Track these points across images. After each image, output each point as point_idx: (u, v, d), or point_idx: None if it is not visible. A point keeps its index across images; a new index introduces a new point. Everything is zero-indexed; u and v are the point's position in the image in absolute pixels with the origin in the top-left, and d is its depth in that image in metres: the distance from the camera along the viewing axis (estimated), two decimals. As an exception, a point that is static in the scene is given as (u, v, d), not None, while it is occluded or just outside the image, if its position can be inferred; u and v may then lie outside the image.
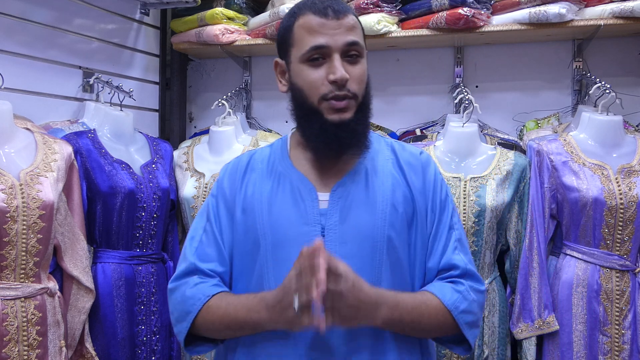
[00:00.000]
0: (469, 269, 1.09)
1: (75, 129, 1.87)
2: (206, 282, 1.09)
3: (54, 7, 1.95)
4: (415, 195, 1.10)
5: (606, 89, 1.88)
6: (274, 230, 1.07)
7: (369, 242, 1.05)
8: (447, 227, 1.11)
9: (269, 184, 1.12)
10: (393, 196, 1.08)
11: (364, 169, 1.11)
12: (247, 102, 2.58)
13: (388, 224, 1.06)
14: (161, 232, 1.93)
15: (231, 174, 1.18)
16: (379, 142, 1.18)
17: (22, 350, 1.44)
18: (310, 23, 1.05)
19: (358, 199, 1.08)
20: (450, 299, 1.04)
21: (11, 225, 1.43)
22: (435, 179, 1.14)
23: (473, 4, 2.01)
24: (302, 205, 1.07)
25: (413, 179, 1.12)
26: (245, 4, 2.37)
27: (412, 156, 1.15)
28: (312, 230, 1.05)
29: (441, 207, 1.12)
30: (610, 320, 1.71)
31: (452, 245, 1.10)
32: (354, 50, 1.05)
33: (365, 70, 1.08)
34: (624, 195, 1.70)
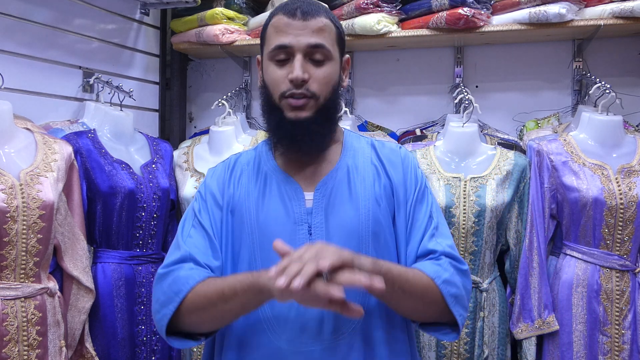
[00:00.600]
0: (447, 252, 1.09)
1: (75, 129, 1.87)
2: (201, 269, 1.06)
3: (54, 7, 1.95)
4: (396, 188, 1.13)
5: (606, 89, 1.88)
6: (261, 230, 1.09)
7: (354, 238, 1.07)
8: (427, 216, 1.13)
9: (256, 185, 1.15)
10: (374, 191, 1.11)
11: (346, 166, 1.14)
12: (247, 102, 2.58)
13: (372, 218, 1.09)
14: (161, 232, 1.93)
15: (218, 176, 1.20)
16: (358, 141, 1.20)
17: (22, 350, 1.44)
18: (279, 23, 1.09)
19: (341, 196, 1.10)
20: (431, 269, 1.05)
21: (11, 225, 1.43)
22: (415, 172, 1.17)
23: (473, 4, 2.01)
24: (289, 205, 1.10)
25: (393, 173, 1.15)
26: (245, 4, 2.37)
27: (391, 152, 1.19)
28: (299, 229, 1.08)
29: (420, 197, 1.14)
30: (610, 320, 1.71)
31: (430, 233, 1.11)
32: (318, 53, 1.07)
33: (331, 74, 1.09)
34: (624, 195, 1.70)
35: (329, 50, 1.08)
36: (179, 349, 1.97)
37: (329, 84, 1.09)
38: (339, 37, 1.13)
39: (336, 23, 1.13)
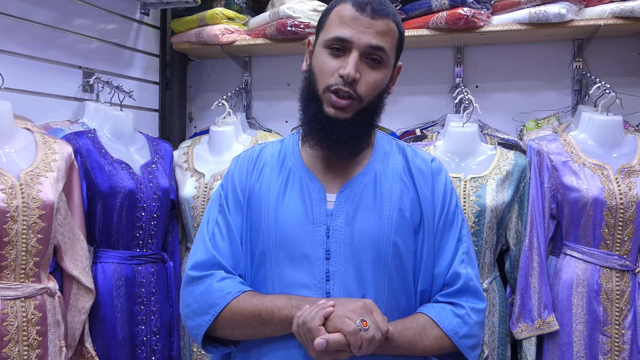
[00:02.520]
0: (472, 285, 1.07)
1: (75, 129, 1.87)
2: (232, 278, 1.06)
3: (54, 7, 1.95)
4: (423, 202, 1.09)
5: (606, 89, 1.88)
6: (279, 227, 1.06)
7: (374, 247, 1.04)
8: (456, 239, 1.09)
9: (278, 180, 1.11)
10: (401, 201, 1.07)
11: (374, 171, 1.10)
12: (247, 102, 2.58)
13: (394, 229, 1.05)
14: (161, 232, 1.93)
15: (241, 167, 1.17)
16: (390, 145, 1.16)
17: (22, 350, 1.44)
18: (345, 13, 1.04)
19: (365, 202, 1.06)
20: (449, 325, 1.03)
21: (11, 225, 1.43)
22: (446, 188, 1.12)
23: (473, 4, 2.01)
24: (309, 204, 1.07)
25: (422, 186, 1.10)
26: (245, 4, 2.37)
27: (423, 162, 1.14)
28: (316, 230, 1.05)
29: (450, 218, 1.10)
30: (610, 320, 1.71)
31: (460, 257, 1.08)
32: (376, 55, 1.03)
33: (382, 79, 1.06)
34: (624, 195, 1.70)
35: (387, 55, 1.04)
36: (178, 349, 1.97)
37: (377, 89, 1.05)
38: (399, 43, 1.09)
39: (400, 29, 1.09)
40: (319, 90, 1.04)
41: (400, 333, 1.00)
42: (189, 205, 2.04)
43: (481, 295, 1.08)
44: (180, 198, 2.05)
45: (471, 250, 1.12)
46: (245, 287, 1.06)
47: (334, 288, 1.02)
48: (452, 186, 1.15)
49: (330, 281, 1.02)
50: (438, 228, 1.09)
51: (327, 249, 1.03)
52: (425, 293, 1.09)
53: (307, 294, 1.02)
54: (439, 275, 1.08)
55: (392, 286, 1.04)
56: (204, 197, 2.02)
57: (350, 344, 0.89)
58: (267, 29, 2.26)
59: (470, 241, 1.12)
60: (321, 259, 1.03)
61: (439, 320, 1.03)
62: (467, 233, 1.13)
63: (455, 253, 1.08)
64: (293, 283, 1.03)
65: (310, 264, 1.03)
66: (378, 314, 0.94)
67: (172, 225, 2.07)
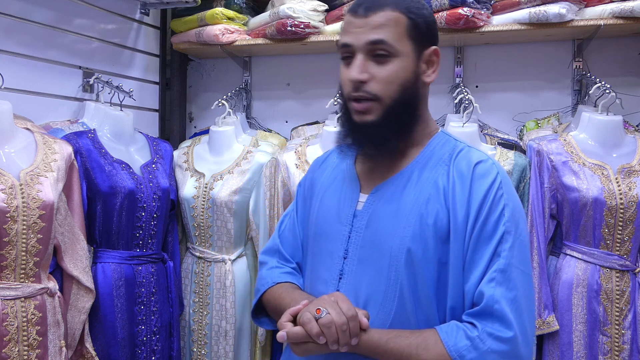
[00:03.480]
0: (496, 308, 0.92)
1: (75, 129, 1.87)
2: (281, 268, 1.18)
3: (54, 7, 1.95)
4: (453, 209, 0.98)
5: (606, 89, 1.88)
6: (317, 222, 1.12)
7: (386, 252, 1.00)
8: (490, 253, 0.95)
9: (329, 177, 1.17)
10: (425, 207, 1.00)
11: (409, 174, 1.05)
12: (247, 102, 2.58)
13: (410, 235, 0.99)
14: (161, 232, 1.93)
15: (314, 164, 1.25)
16: (444, 147, 1.07)
17: (22, 350, 1.44)
18: (345, 20, 1.05)
19: (389, 206, 1.03)
20: (454, 345, 0.92)
21: (11, 225, 1.43)
22: (487, 195, 0.98)
23: (473, 4, 2.01)
24: (342, 203, 1.09)
25: (457, 191, 0.99)
26: (245, 4, 2.37)
27: (466, 166, 1.01)
28: (342, 229, 1.07)
29: (489, 229, 0.96)
30: (610, 320, 1.71)
31: (490, 274, 0.94)
32: (379, 49, 0.99)
33: (396, 71, 1.00)
34: (624, 195, 1.70)
35: (391, 46, 0.99)
36: (178, 349, 1.98)
37: (394, 82, 1.00)
38: (412, 28, 1.01)
39: (409, 13, 1.01)
40: (345, 102, 1.06)
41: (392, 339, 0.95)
42: (189, 205, 2.04)
43: (507, 322, 0.92)
44: (180, 198, 2.05)
45: (511, 269, 0.95)
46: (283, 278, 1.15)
47: (343, 287, 1.04)
48: (502, 194, 0.98)
49: (342, 280, 1.04)
50: (472, 240, 0.97)
51: (346, 249, 1.06)
52: (456, 310, 0.98)
53: (324, 288, 1.06)
54: (468, 292, 0.96)
55: (403, 294, 0.99)
56: (204, 197, 2.02)
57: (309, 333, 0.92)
58: (267, 29, 2.26)
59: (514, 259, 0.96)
60: (340, 257, 1.06)
61: (444, 338, 0.93)
62: (511, 249, 0.96)
63: (486, 269, 0.95)
64: (317, 277, 1.08)
65: (331, 261, 1.07)
66: (345, 303, 0.94)
67: (172, 225, 2.07)
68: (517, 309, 0.93)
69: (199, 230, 2.05)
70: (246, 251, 2.09)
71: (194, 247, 2.08)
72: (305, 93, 2.58)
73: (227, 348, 2.02)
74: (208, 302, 2.03)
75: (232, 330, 2.00)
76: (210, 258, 2.04)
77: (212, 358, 2.03)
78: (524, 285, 0.96)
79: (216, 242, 2.04)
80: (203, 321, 2.04)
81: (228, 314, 2.00)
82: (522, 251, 0.97)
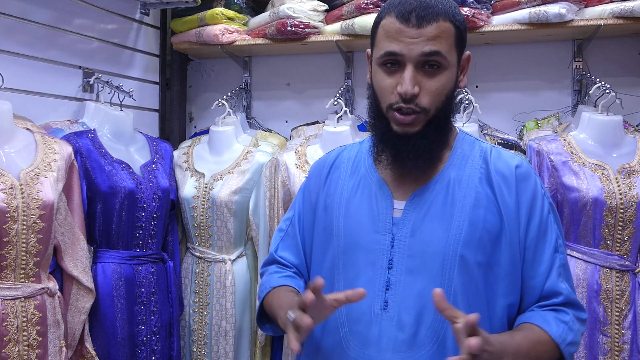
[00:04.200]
0: (572, 298, 1.03)
1: (75, 129, 1.87)
2: (280, 272, 1.18)
3: (54, 7, 1.95)
4: (505, 212, 1.01)
5: (606, 89, 1.88)
6: (347, 233, 1.07)
7: (438, 259, 0.99)
8: (552, 249, 1.03)
9: (350, 185, 1.11)
10: (473, 212, 1.00)
11: (447, 178, 1.03)
12: (247, 102, 2.58)
13: (462, 241, 0.98)
14: (161, 232, 1.93)
15: (318, 170, 1.20)
16: (471, 148, 1.08)
17: (22, 350, 1.44)
18: (390, 26, 0.98)
19: (433, 212, 1.01)
20: (557, 331, 0.98)
21: (11, 225, 1.43)
22: (535, 195, 1.03)
23: (473, 4, 2.01)
24: (377, 212, 1.05)
25: (504, 194, 1.01)
26: (245, 4, 2.37)
27: (506, 167, 1.04)
28: (382, 238, 1.03)
29: (544, 227, 1.03)
30: (610, 320, 1.71)
31: (557, 270, 1.02)
32: (432, 61, 0.97)
33: (445, 84, 0.99)
34: (624, 195, 1.70)
35: (444, 58, 0.97)
36: (178, 349, 1.98)
37: (442, 94, 0.99)
38: (458, 37, 1.00)
39: (456, 22, 0.99)
40: (383, 109, 1.02)
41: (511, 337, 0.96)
42: (189, 205, 2.04)
43: (582, 307, 1.04)
44: (180, 198, 2.05)
45: (566, 262, 1.06)
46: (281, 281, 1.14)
47: (391, 297, 1.00)
48: (544, 192, 1.05)
49: (389, 290, 1.01)
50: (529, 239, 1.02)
51: (390, 259, 1.02)
52: (513, 307, 1.03)
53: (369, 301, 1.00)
54: (535, 287, 1.02)
55: (456, 300, 0.98)
56: (204, 197, 2.02)
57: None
58: (267, 29, 2.26)
59: (565, 253, 1.06)
60: (384, 267, 1.02)
61: (546, 327, 0.98)
62: (563, 244, 1.05)
63: (551, 265, 1.02)
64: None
65: (373, 272, 1.02)
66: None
67: (172, 225, 2.07)
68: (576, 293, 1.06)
69: (199, 230, 2.05)
70: (246, 251, 2.09)
71: (194, 247, 2.08)
72: (305, 93, 2.58)
73: (227, 348, 2.02)
74: (208, 302, 2.03)
75: (232, 330, 2.01)
76: (210, 258, 2.04)
77: (212, 358, 2.03)
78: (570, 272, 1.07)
79: (216, 242, 2.04)
80: (203, 321, 2.04)
81: (228, 314, 2.00)
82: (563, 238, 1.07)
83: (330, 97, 2.15)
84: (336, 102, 2.10)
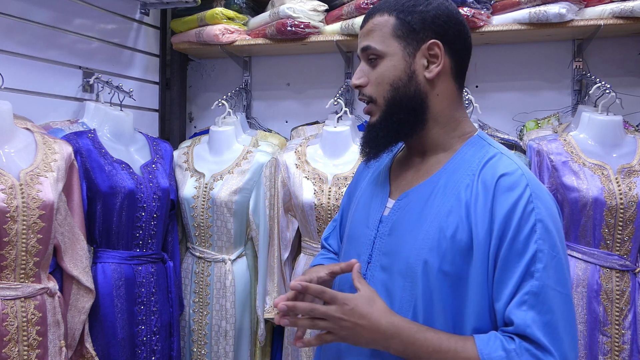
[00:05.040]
0: (529, 332, 0.87)
1: (75, 129, 1.87)
2: (324, 255, 1.29)
3: (54, 7, 1.95)
4: (477, 223, 0.93)
5: (606, 89, 1.88)
6: (351, 224, 1.15)
7: (404, 262, 0.98)
8: (521, 272, 0.89)
9: (369, 180, 1.18)
10: (445, 219, 0.95)
11: (436, 182, 1.01)
12: (247, 102, 2.58)
13: (428, 247, 0.95)
14: (161, 232, 1.93)
15: (361, 165, 1.28)
16: (477, 153, 1.02)
17: (22, 350, 1.44)
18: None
19: (412, 214, 1.01)
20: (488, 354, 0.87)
21: (11, 225, 1.43)
22: (513, 210, 0.91)
23: (473, 4, 2.01)
24: (372, 208, 1.10)
25: (480, 204, 0.94)
26: (245, 4, 2.37)
27: (491, 176, 0.95)
28: (369, 234, 1.07)
29: (518, 246, 0.90)
30: (610, 320, 1.71)
31: (520, 297, 0.88)
32: (370, 54, 1.04)
33: (384, 72, 1.02)
34: (624, 195, 1.70)
35: (375, 49, 1.02)
36: (178, 349, 1.97)
37: (384, 82, 1.02)
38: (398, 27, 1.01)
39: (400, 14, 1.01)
40: None
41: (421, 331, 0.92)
42: (189, 205, 2.04)
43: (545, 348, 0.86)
44: (180, 198, 2.05)
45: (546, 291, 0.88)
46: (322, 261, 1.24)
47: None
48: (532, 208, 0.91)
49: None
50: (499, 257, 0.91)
51: (370, 254, 1.06)
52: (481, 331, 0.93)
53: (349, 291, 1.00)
54: (499, 311, 0.91)
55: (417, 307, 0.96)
56: (204, 197, 2.02)
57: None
58: (267, 29, 2.26)
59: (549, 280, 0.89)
60: (365, 261, 1.06)
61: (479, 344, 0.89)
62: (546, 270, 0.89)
63: (516, 290, 0.89)
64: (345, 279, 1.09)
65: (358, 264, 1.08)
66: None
67: (172, 225, 2.07)
68: (553, 333, 0.87)
69: (199, 230, 2.05)
70: (246, 251, 2.09)
71: (194, 247, 2.08)
72: (305, 93, 2.58)
73: (227, 348, 2.02)
74: (208, 302, 2.03)
75: (232, 330, 2.00)
76: (210, 258, 2.04)
77: (212, 358, 2.03)
78: (561, 307, 0.89)
79: (216, 242, 2.04)
80: (203, 321, 2.04)
81: (228, 314, 2.00)
82: (558, 271, 0.90)
83: (330, 97, 2.15)
84: (336, 102, 2.10)
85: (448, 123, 1.04)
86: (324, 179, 1.93)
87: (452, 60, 1.03)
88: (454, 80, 1.04)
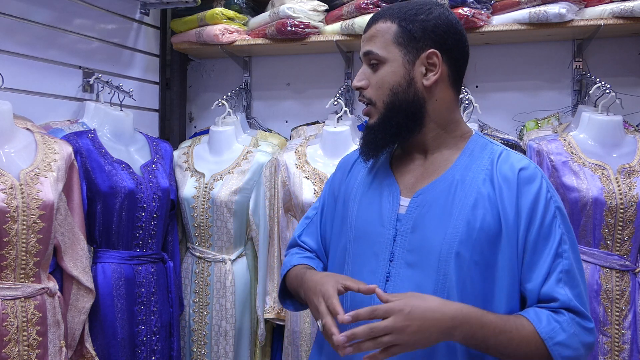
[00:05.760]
0: (573, 305, 0.99)
1: (75, 129, 1.87)
2: (300, 254, 1.26)
3: (54, 7, 1.95)
4: (503, 214, 1.01)
5: (606, 89, 1.88)
6: (357, 224, 1.13)
7: (434, 256, 1.02)
8: (552, 254, 1.00)
9: (367, 179, 1.18)
10: (472, 212, 1.02)
11: (452, 178, 1.06)
12: (247, 102, 2.58)
13: (458, 240, 1.01)
14: (161, 232, 1.93)
15: (344, 164, 1.28)
16: (482, 150, 1.10)
17: (22, 350, 1.44)
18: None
19: (434, 210, 1.05)
20: (545, 328, 0.96)
21: (11, 225, 1.43)
22: (537, 199, 1.02)
23: (473, 4, 2.01)
24: (384, 207, 1.11)
25: (504, 196, 1.02)
26: (245, 4, 2.37)
27: (510, 170, 1.04)
28: (386, 232, 1.08)
29: (545, 231, 1.01)
30: (610, 320, 1.71)
31: (556, 275, 1.00)
32: (371, 59, 1.09)
33: (384, 77, 1.07)
34: (624, 195, 1.70)
35: (377, 55, 1.07)
36: (178, 349, 1.98)
37: (384, 87, 1.07)
38: (400, 35, 1.06)
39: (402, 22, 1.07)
40: None
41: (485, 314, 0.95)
42: (189, 205, 2.04)
43: (586, 315, 1.00)
44: (180, 198, 2.05)
45: (574, 268, 1.02)
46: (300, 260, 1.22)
47: (390, 289, 1.05)
48: (551, 196, 1.04)
49: (389, 282, 1.06)
50: (529, 242, 1.01)
51: (392, 252, 1.07)
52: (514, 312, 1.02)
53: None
54: (532, 291, 1.01)
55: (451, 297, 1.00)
56: (204, 197, 2.02)
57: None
58: (267, 29, 2.26)
59: (574, 258, 1.02)
60: (385, 260, 1.07)
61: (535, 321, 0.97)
62: (570, 250, 1.02)
63: (550, 270, 1.00)
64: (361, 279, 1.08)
65: (376, 264, 1.08)
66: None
67: (172, 225, 2.07)
68: (583, 301, 1.01)
69: (199, 230, 2.05)
70: (246, 251, 2.09)
71: (194, 247, 2.08)
72: (305, 93, 2.58)
73: (227, 348, 2.02)
74: (208, 302, 2.03)
75: (232, 330, 2.01)
76: (210, 258, 2.04)
77: (212, 358, 2.04)
78: (582, 279, 1.03)
79: (216, 242, 2.04)
80: (203, 321, 2.04)
81: (228, 314, 2.00)
82: (575, 251, 1.04)
83: (330, 97, 2.15)
84: (336, 102, 2.10)
85: (448, 125, 1.11)
86: (324, 179, 1.93)
87: (450, 68, 1.09)
88: (451, 87, 1.10)
